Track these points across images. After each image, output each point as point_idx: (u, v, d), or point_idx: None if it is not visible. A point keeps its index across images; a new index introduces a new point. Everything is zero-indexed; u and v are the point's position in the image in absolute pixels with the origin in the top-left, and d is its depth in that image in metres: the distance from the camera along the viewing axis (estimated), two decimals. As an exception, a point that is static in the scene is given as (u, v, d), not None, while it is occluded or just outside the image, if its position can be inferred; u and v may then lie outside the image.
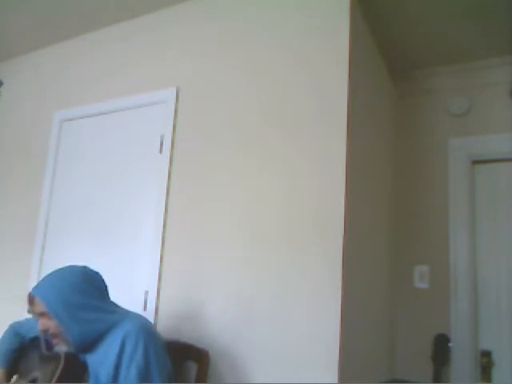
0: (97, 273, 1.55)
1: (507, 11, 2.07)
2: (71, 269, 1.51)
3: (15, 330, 1.71)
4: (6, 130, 2.97)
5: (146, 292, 2.04)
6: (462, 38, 2.31)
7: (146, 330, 1.42)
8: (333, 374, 1.55)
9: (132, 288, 2.09)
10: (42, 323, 1.42)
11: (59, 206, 2.50)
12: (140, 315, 1.55)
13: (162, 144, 2.18)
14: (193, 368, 1.74)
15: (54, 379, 1.45)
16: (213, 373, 1.76)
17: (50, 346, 1.49)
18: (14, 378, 1.67)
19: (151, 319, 1.97)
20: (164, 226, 2.07)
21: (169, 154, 2.14)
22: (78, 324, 1.39)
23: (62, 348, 1.44)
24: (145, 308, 2.01)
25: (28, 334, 1.68)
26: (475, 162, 2.49)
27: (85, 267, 1.54)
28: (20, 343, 1.69)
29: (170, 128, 2.17)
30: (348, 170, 1.73)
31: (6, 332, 1.72)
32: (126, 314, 1.51)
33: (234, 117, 2.02)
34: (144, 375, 1.34)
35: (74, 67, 2.71)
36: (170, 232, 2.06)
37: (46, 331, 1.42)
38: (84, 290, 1.44)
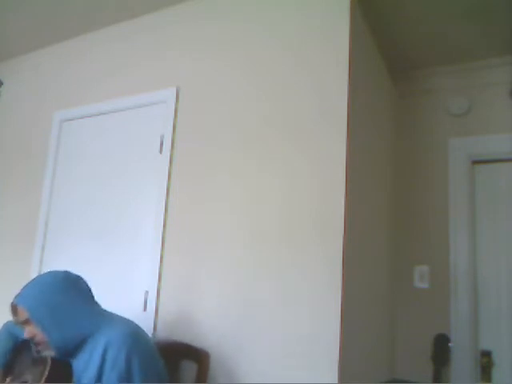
0: (79, 276, 1.53)
1: (507, 11, 2.07)
2: (52, 274, 1.49)
3: (9, 330, 1.68)
4: (5, 130, 2.97)
5: (146, 292, 2.04)
6: (462, 38, 2.31)
7: (131, 336, 1.38)
8: (333, 374, 1.55)
9: (132, 288, 2.09)
10: (28, 331, 1.40)
11: (59, 205, 2.50)
12: (126, 319, 1.50)
13: (161, 144, 2.18)
14: (193, 368, 1.74)
15: (42, 380, 1.45)
16: (213, 373, 1.76)
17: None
18: (8, 380, 1.65)
19: (151, 319, 1.97)
20: (164, 226, 2.07)
21: (169, 154, 2.14)
22: (60, 329, 1.37)
23: (48, 354, 1.43)
24: (145, 308, 2.01)
25: (21, 334, 1.63)
26: (475, 162, 2.49)
27: (66, 272, 1.52)
28: (14, 344, 1.66)
29: (170, 128, 2.17)
30: (348, 170, 1.73)
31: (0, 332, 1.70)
32: (111, 318, 1.47)
33: (234, 117, 2.02)
34: (125, 380, 1.31)
35: (74, 67, 2.71)
36: (170, 232, 2.06)
37: (32, 339, 1.41)
38: (67, 293, 1.42)
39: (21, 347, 1.66)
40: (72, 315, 1.40)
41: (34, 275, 2.42)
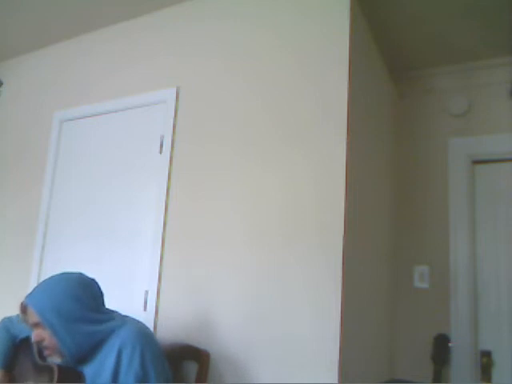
0: (92, 280, 1.51)
1: (507, 11, 2.07)
2: (66, 276, 1.47)
3: (7, 328, 1.66)
4: (5, 129, 2.97)
5: (146, 292, 2.04)
6: (462, 38, 2.31)
7: (143, 337, 1.39)
8: (333, 374, 1.55)
9: (132, 288, 2.09)
10: (37, 334, 1.38)
11: (59, 205, 2.50)
12: (136, 320, 1.51)
13: (161, 144, 2.18)
14: (193, 368, 1.74)
15: None
16: (213, 373, 1.76)
17: (43, 355, 1.45)
18: None
19: (151, 319, 1.97)
20: (164, 225, 2.07)
21: (169, 154, 2.14)
22: (73, 336, 1.35)
23: (55, 360, 1.40)
24: (145, 308, 2.01)
25: (20, 334, 1.63)
26: (475, 162, 2.49)
27: (80, 274, 1.50)
28: (12, 343, 1.64)
29: (170, 128, 2.17)
30: (348, 170, 1.73)
31: None
32: (122, 320, 1.47)
33: (234, 117, 2.02)
34: (142, 382, 1.32)
35: (74, 67, 2.70)
36: (170, 232, 2.06)
37: (40, 342, 1.39)
38: (79, 299, 1.39)
39: (19, 348, 1.63)
40: (84, 324, 1.38)
41: (34, 275, 2.42)
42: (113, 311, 1.53)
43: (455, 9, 2.09)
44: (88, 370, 1.40)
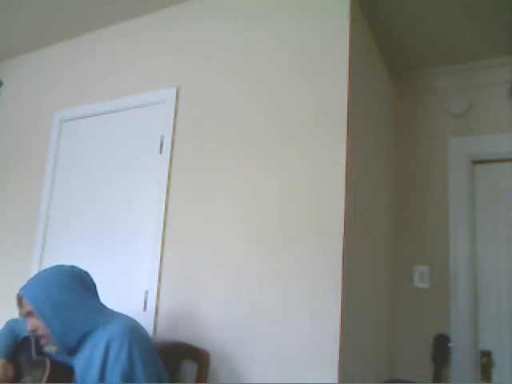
0: (85, 272, 1.55)
1: (507, 11, 2.07)
2: (59, 268, 1.51)
3: (11, 327, 1.71)
4: (5, 129, 2.97)
5: (146, 292, 2.04)
6: (462, 38, 2.31)
7: (132, 332, 1.39)
8: (333, 374, 1.55)
9: (132, 288, 2.09)
10: (31, 323, 1.43)
11: (59, 205, 2.50)
12: (127, 316, 1.52)
13: (161, 144, 2.18)
14: (193, 368, 1.74)
15: (43, 381, 1.45)
16: (213, 373, 1.76)
17: (40, 350, 1.49)
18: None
19: (151, 319, 1.97)
20: (164, 225, 2.07)
21: (169, 154, 2.14)
22: (63, 323, 1.39)
23: (51, 349, 1.44)
24: (145, 308, 2.01)
25: (22, 333, 1.67)
26: (475, 162, 2.49)
27: (73, 266, 1.54)
28: (15, 342, 1.68)
29: (170, 128, 2.17)
30: (348, 170, 1.73)
31: (2, 329, 1.72)
32: (113, 315, 1.49)
33: (234, 117, 2.02)
34: (128, 377, 1.32)
35: (74, 67, 2.71)
36: (170, 232, 2.06)
37: (35, 331, 1.43)
38: (71, 288, 1.44)
39: (20, 346, 1.67)
40: (75, 311, 1.41)
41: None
42: (105, 306, 1.54)
43: (455, 9, 2.09)
44: (78, 364, 1.42)
